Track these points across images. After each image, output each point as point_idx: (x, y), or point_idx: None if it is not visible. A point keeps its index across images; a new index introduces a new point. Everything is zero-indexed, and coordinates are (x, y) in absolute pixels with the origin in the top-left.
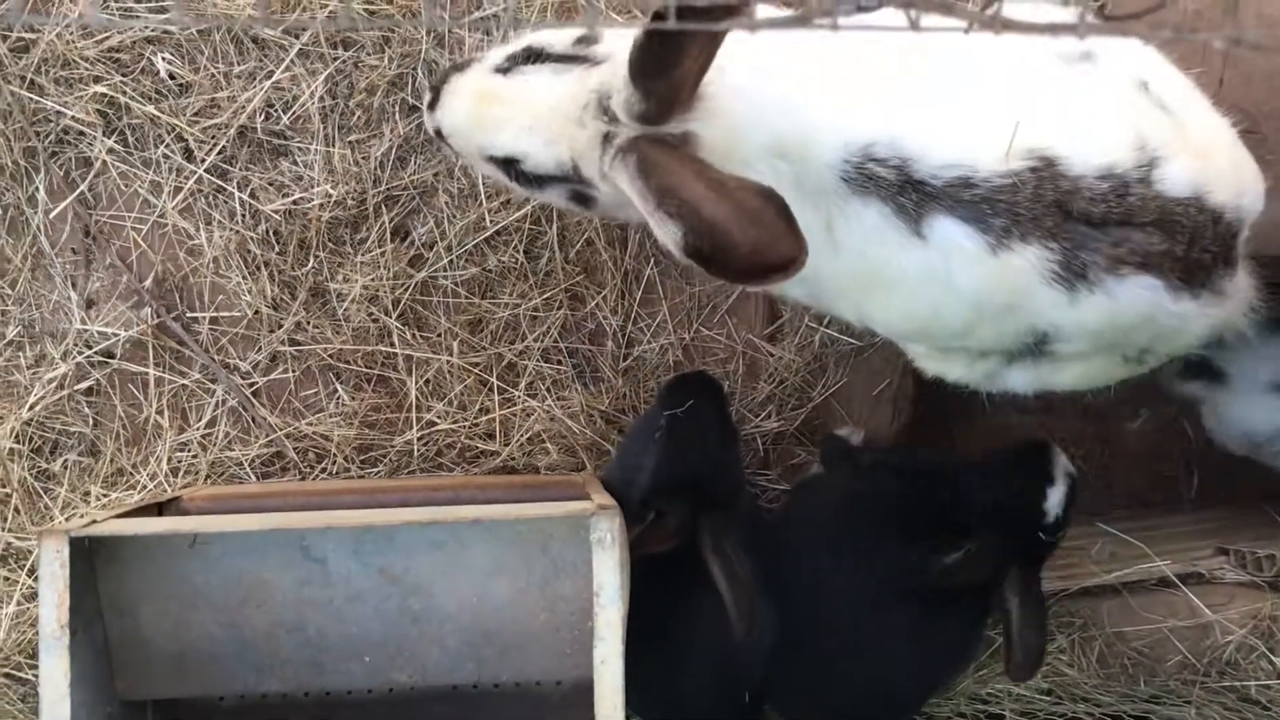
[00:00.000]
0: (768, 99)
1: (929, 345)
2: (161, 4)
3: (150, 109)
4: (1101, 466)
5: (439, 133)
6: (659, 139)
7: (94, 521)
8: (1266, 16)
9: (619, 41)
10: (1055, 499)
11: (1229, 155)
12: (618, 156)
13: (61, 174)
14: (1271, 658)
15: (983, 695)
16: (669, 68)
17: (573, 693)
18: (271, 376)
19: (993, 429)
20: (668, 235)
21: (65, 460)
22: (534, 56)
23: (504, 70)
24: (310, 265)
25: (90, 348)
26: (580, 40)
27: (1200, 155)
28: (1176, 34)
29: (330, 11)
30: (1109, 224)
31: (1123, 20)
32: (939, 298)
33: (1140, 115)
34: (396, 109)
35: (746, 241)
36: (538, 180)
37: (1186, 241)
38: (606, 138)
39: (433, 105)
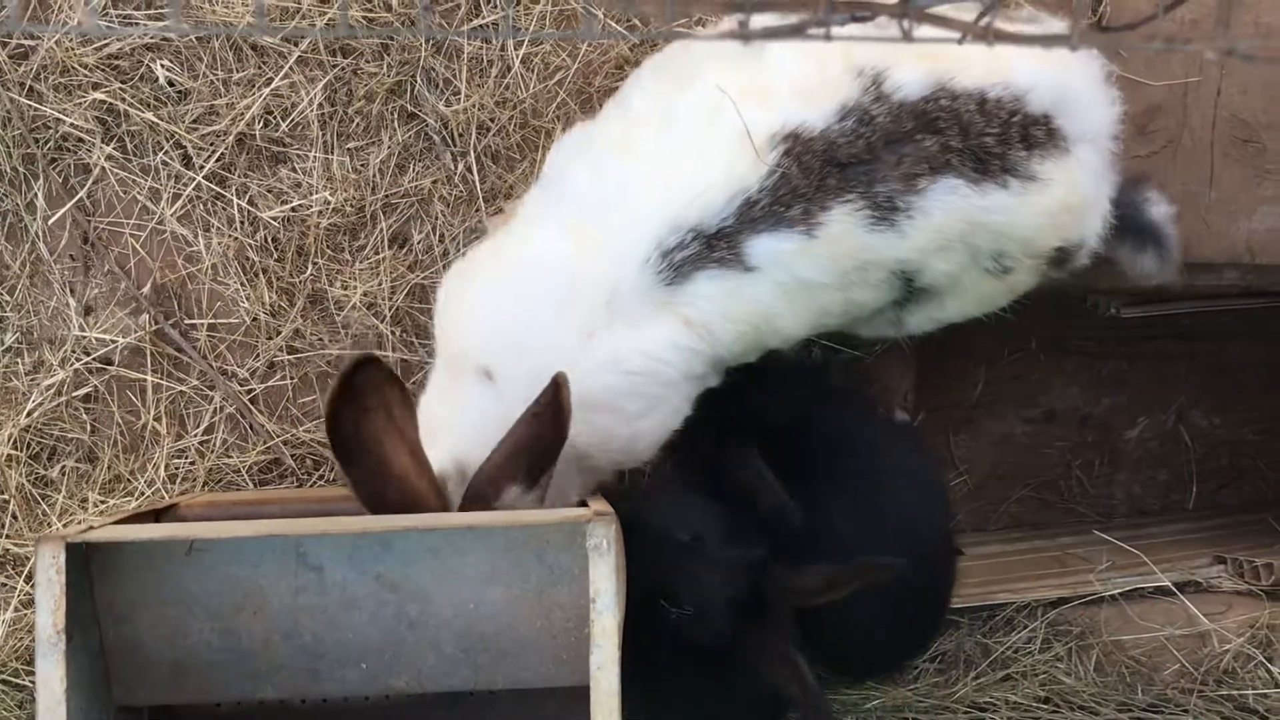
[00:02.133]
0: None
1: (839, 325)
2: (160, 11)
3: (149, 116)
4: (1100, 475)
5: None
6: None
7: (91, 528)
8: (1264, 26)
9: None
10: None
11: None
12: None
13: (60, 181)
14: (1269, 666)
15: (980, 703)
16: (386, 475)
17: (569, 699)
18: (269, 383)
19: (993, 440)
20: (515, 495)
21: (63, 467)
22: None
23: None
24: (309, 272)
25: (88, 354)
26: None
27: (928, 55)
28: (1169, 45)
29: (329, 19)
30: (878, 151)
31: (1117, 31)
32: (807, 296)
33: (847, 45)
34: (395, 116)
35: (539, 421)
36: None
37: (958, 132)
38: None
39: None
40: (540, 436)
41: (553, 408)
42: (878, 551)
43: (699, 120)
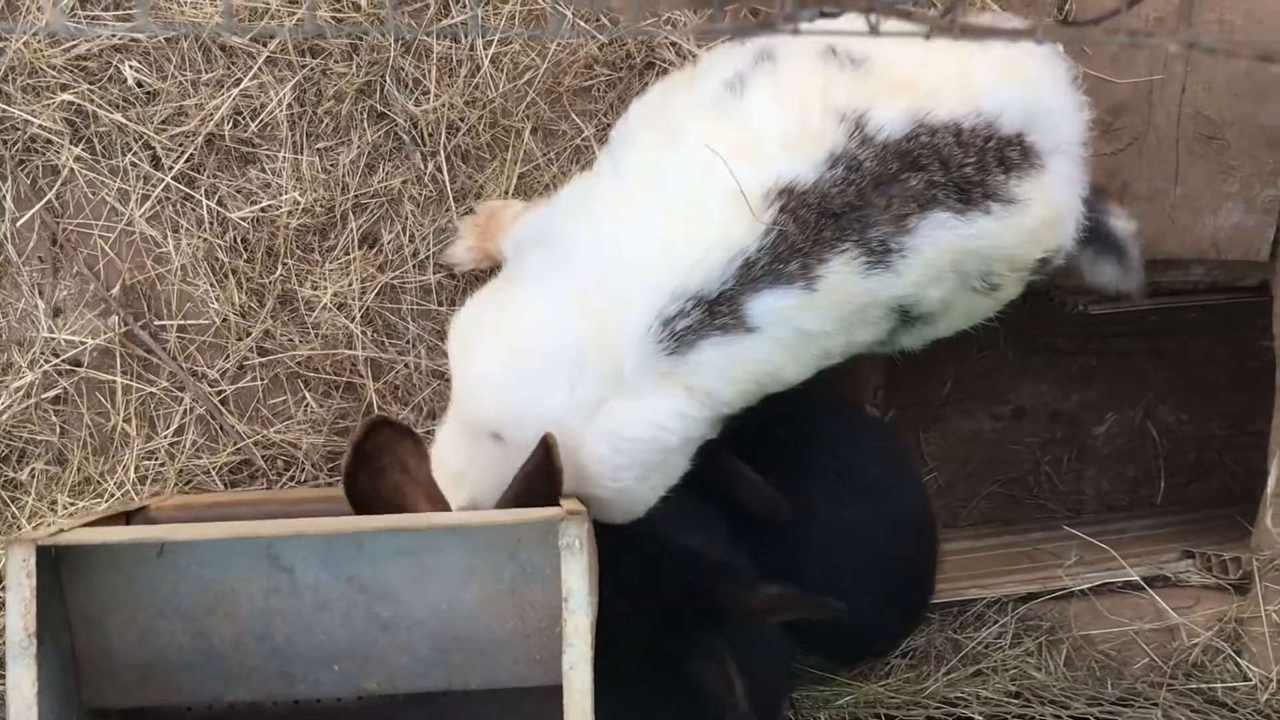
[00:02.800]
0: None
1: (846, 356)
2: (128, 12)
3: (118, 117)
4: (1069, 471)
5: None
6: None
7: (61, 530)
8: (1227, 23)
9: None
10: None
11: (941, 71)
12: None
13: (28, 182)
14: (1237, 660)
15: (951, 698)
16: None
17: (542, 698)
18: (240, 384)
19: (963, 437)
20: None
21: (32, 469)
22: None
23: None
24: (279, 273)
25: (57, 356)
26: None
27: (901, 88)
28: (1132, 39)
29: (297, 19)
30: (869, 196)
31: (1080, 26)
32: (809, 345)
33: (827, 85)
34: (365, 116)
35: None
36: None
37: (940, 167)
38: None
39: None
40: (535, 494)
41: (544, 467)
42: (867, 540)
43: (691, 181)
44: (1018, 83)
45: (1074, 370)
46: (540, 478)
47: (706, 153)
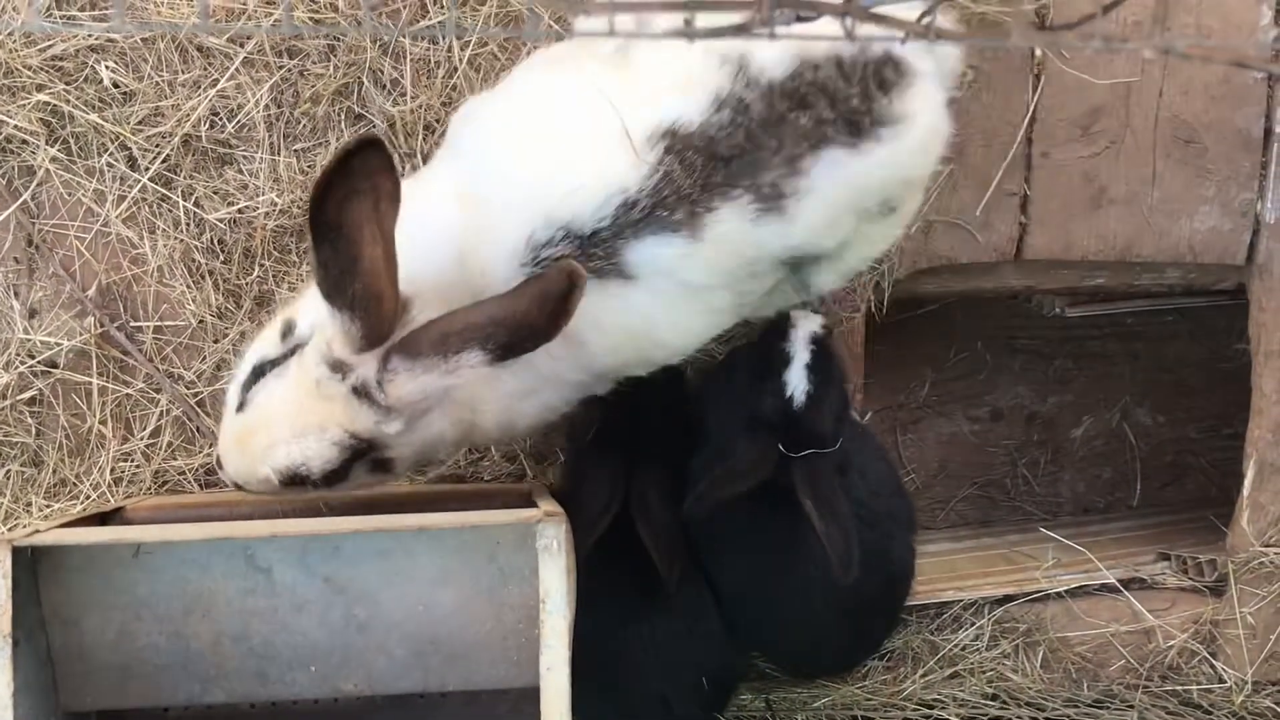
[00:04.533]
0: (446, 257)
1: (738, 316)
2: (105, 11)
3: (94, 117)
4: (1046, 473)
5: (238, 486)
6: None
7: (37, 531)
8: (1205, 28)
9: (309, 308)
10: (795, 375)
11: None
12: (382, 384)
13: (4, 183)
14: (1212, 662)
15: (928, 700)
16: (355, 265)
17: (520, 700)
18: (216, 386)
19: (940, 439)
20: (471, 368)
21: (8, 470)
22: (258, 375)
23: (242, 405)
24: (255, 274)
25: (33, 357)
26: (285, 334)
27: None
28: (1107, 44)
29: (275, 20)
30: (758, 138)
31: (1056, 30)
32: (692, 300)
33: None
34: (342, 117)
35: (526, 301)
36: (336, 474)
37: (827, 102)
38: (356, 391)
39: (220, 468)
40: (529, 321)
41: (558, 301)
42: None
43: (578, 111)
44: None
45: (1051, 373)
46: (546, 309)
47: (593, 88)
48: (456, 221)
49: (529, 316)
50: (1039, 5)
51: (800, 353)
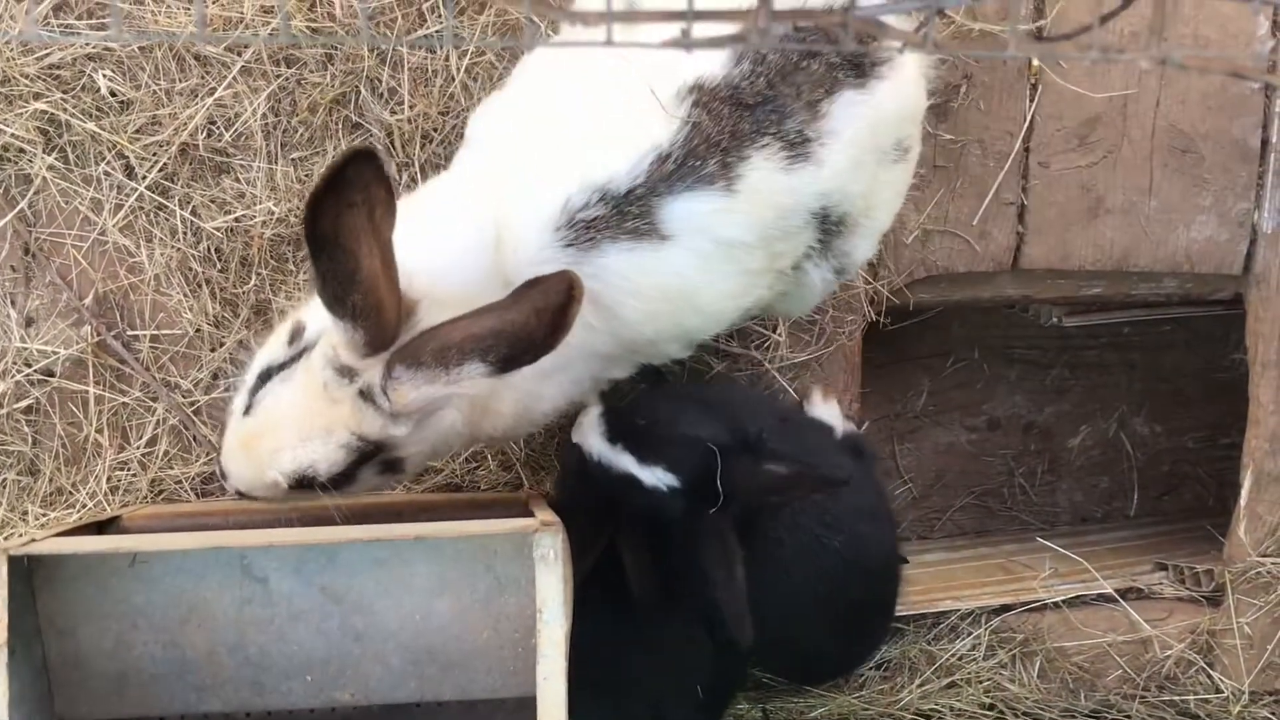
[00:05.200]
0: (465, 247)
1: (772, 291)
2: (102, 20)
3: (91, 126)
4: (1043, 483)
5: (241, 494)
6: (400, 350)
7: (33, 540)
8: (1202, 38)
9: (317, 312)
10: (627, 460)
11: None
12: (386, 391)
13: (1, 191)
14: (1209, 672)
15: (925, 710)
16: (354, 276)
17: (516, 710)
18: (213, 395)
19: (937, 448)
20: (473, 380)
21: (4, 479)
22: (265, 378)
23: (249, 409)
24: (252, 283)
25: (30, 366)
26: (293, 338)
27: None
28: (1104, 55)
29: (272, 29)
30: (778, 85)
31: (1054, 41)
32: (728, 260)
33: None
34: (340, 126)
35: (525, 312)
36: (344, 477)
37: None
38: (363, 394)
39: (224, 476)
40: (528, 334)
41: (556, 313)
42: (822, 570)
43: (606, 77)
44: None
45: (1048, 382)
46: (544, 319)
47: (615, 54)
48: (485, 206)
49: (528, 328)
50: (1035, 17)
51: (592, 439)
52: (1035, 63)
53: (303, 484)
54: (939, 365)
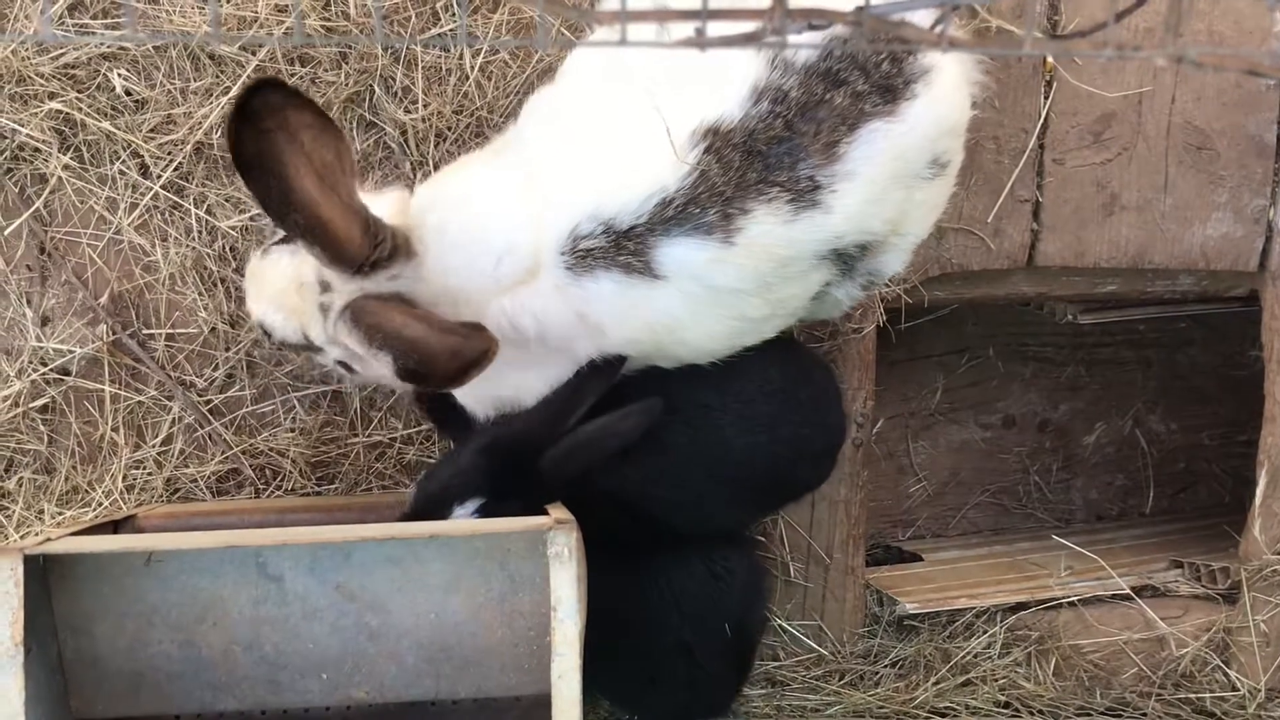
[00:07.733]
0: (476, 248)
1: (771, 327)
2: (117, 20)
3: (106, 125)
4: (1058, 480)
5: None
6: (374, 296)
7: (49, 539)
8: (1217, 34)
9: None
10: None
11: None
12: (340, 319)
13: (16, 191)
14: (1226, 670)
15: (940, 709)
16: (289, 197)
17: (531, 707)
18: (228, 393)
19: (952, 446)
20: (384, 367)
21: (20, 478)
22: (285, 239)
23: (266, 250)
24: None
25: (45, 365)
26: None
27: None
28: (1120, 52)
29: (286, 28)
30: (796, 124)
31: (1068, 39)
32: (723, 307)
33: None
34: (354, 125)
35: (444, 348)
36: (293, 350)
37: (860, 74)
38: (323, 308)
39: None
40: (437, 365)
41: (466, 364)
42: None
43: (628, 113)
44: None
45: (1063, 380)
46: (454, 364)
47: (641, 86)
48: (517, 206)
49: (437, 362)
50: (1050, 14)
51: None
52: (1050, 60)
53: (263, 332)
54: (954, 362)
